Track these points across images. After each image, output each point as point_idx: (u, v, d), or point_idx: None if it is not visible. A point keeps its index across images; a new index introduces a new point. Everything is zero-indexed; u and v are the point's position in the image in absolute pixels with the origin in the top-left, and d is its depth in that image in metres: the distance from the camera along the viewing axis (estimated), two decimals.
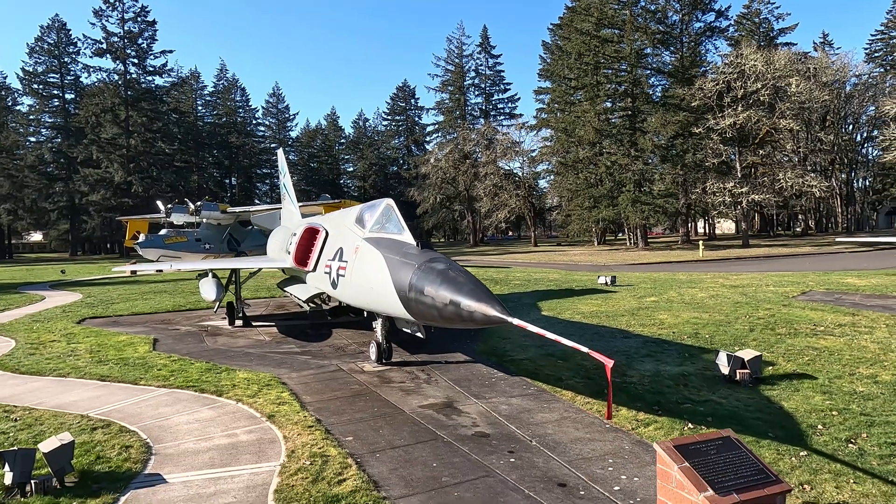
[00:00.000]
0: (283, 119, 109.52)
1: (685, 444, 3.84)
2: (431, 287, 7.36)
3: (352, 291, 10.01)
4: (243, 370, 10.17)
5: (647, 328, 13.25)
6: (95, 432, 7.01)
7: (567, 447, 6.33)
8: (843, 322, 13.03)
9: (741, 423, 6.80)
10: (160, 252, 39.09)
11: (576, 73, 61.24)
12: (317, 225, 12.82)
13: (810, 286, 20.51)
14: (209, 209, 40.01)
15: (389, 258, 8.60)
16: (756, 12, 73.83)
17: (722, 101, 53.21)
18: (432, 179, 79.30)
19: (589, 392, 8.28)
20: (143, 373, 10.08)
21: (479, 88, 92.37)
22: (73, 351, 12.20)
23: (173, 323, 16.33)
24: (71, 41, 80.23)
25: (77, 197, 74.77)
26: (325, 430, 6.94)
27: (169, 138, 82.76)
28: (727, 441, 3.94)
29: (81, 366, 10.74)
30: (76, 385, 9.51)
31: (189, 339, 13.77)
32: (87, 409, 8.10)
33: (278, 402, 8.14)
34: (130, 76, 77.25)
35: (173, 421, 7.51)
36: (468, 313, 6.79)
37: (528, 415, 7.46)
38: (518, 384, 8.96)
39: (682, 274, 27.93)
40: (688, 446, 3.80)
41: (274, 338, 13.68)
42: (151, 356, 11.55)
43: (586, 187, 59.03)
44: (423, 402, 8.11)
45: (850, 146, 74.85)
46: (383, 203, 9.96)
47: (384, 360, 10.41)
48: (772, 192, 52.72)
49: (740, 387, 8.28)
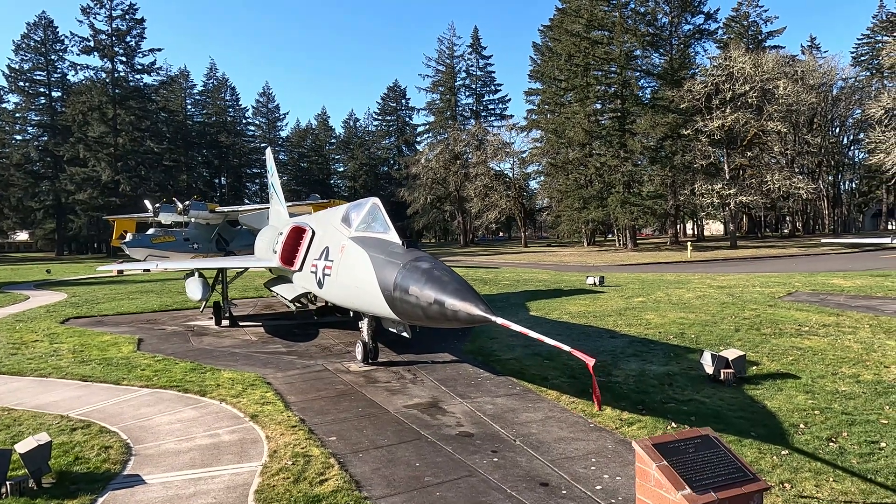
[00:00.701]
0: (274, 118, 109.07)
1: (664, 442, 3.83)
2: (416, 286, 7.33)
3: (338, 291, 9.96)
4: (228, 370, 10.09)
5: (634, 328, 13.30)
6: (75, 433, 6.92)
7: (550, 446, 6.33)
8: (828, 322, 13.14)
9: (724, 422, 6.83)
10: (148, 252, 38.82)
11: (566, 75, 61.48)
12: (303, 224, 12.76)
13: (796, 287, 20.68)
14: (198, 208, 39.77)
15: (375, 257, 8.56)
16: (745, 15, 74.58)
17: (710, 103, 53.60)
18: (423, 180, 79.24)
19: (574, 391, 8.29)
20: (126, 373, 9.97)
21: (469, 89, 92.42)
22: (56, 351, 12.06)
23: (159, 323, 16.19)
24: (58, 38, 79.42)
25: (63, 196, 73.98)
26: (309, 430, 6.89)
27: (157, 137, 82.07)
28: (706, 439, 3.95)
29: (63, 366, 10.61)
30: (57, 385, 9.39)
31: (175, 338, 13.65)
32: (67, 409, 8.00)
33: (262, 401, 8.08)
34: (118, 74, 76.55)
35: (155, 421, 7.43)
36: (452, 312, 6.76)
37: (513, 414, 7.45)
38: (504, 384, 8.95)
39: (669, 274, 28.07)
40: (666, 445, 3.80)
41: (260, 338, 13.60)
42: (135, 356, 11.43)
43: (576, 188, 59.22)
44: (408, 402, 8.08)
45: (836, 149, 75.66)
46: (369, 202, 9.92)
47: (370, 360, 10.37)
48: (759, 193, 53.16)
49: (724, 386, 8.31)
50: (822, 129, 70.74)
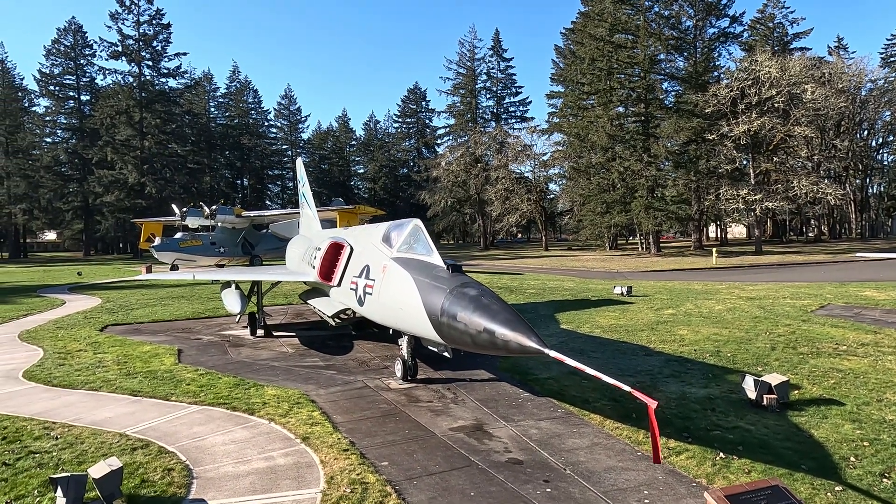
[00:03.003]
0: (295, 121, 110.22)
1: (735, 493, 3.92)
2: (464, 313, 7.45)
3: (379, 310, 10.13)
4: (271, 386, 10.31)
5: (668, 345, 13.29)
6: (136, 453, 7.16)
7: (602, 476, 6.41)
8: (866, 341, 13.01)
9: (772, 453, 6.86)
10: (175, 255, 39.55)
11: (589, 78, 61.21)
12: (341, 240, 12.96)
13: (828, 299, 20.43)
14: (224, 213, 40.41)
15: (419, 280, 8.71)
16: (770, 17, 73.58)
17: (736, 107, 53.03)
18: (443, 182, 79.48)
19: (617, 416, 8.35)
20: (173, 388, 10.24)
21: (490, 92, 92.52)
22: (101, 362, 12.39)
23: (194, 332, 16.53)
24: (87, 43, 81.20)
25: (91, 197, 75.56)
26: (361, 455, 7.05)
27: (182, 140, 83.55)
28: (776, 490, 4.02)
29: (111, 378, 10.92)
30: (109, 400, 9.68)
31: (212, 349, 13.94)
32: (123, 426, 8.26)
33: (310, 421, 8.26)
34: (145, 78, 78.01)
35: (209, 441, 7.65)
36: (503, 342, 6.87)
37: (559, 440, 7.54)
38: (545, 406, 9.04)
39: (696, 283, 27.88)
40: (738, 496, 3.89)
41: (297, 350, 13.83)
42: (178, 369, 11.71)
43: (599, 192, 58.95)
44: (453, 425, 8.21)
45: (864, 152, 74.31)
46: (411, 224, 10.07)
47: (409, 378, 10.52)
48: (786, 199, 52.43)
49: (767, 412, 8.32)
50: (850, 133, 69.51)
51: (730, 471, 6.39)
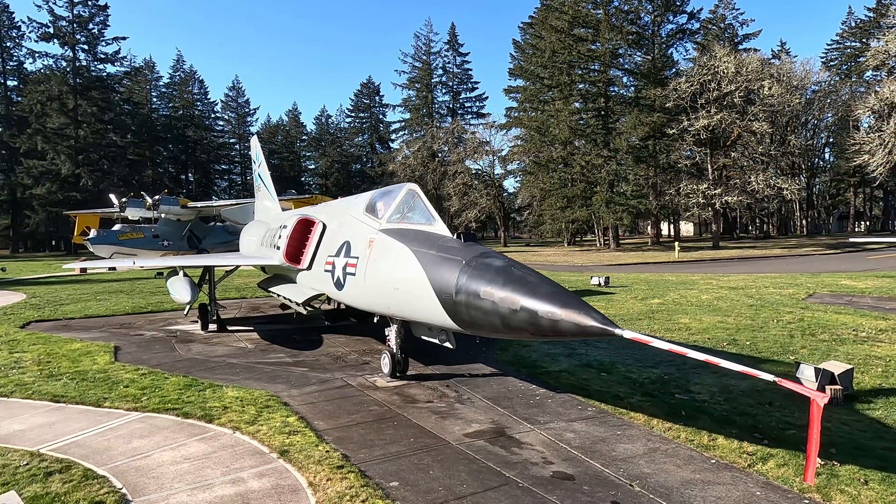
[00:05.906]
0: (243, 113, 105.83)
1: None
2: (491, 288, 5.86)
3: (365, 293, 8.42)
4: (231, 386, 8.47)
5: (675, 333, 12.10)
6: (51, 480, 5.25)
7: (683, 494, 4.94)
8: (883, 327, 12.15)
9: (871, 455, 5.61)
10: (114, 249, 36.34)
11: (549, 72, 60.45)
12: (311, 216, 11.16)
13: (810, 288, 19.91)
14: (168, 203, 37.43)
15: (422, 253, 7.07)
16: (721, 17, 74.86)
17: (696, 102, 53.31)
18: (399, 177, 77.42)
19: (662, 414, 6.94)
20: (107, 391, 8.27)
21: (446, 87, 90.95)
22: (18, 362, 10.22)
23: (135, 327, 14.36)
24: (14, 24, 75.08)
25: (19, 190, 69.88)
26: (360, 473, 5.37)
27: (121, 130, 78.37)
28: None
29: (28, 381, 8.84)
30: (23, 408, 7.65)
31: (157, 346, 11.89)
32: (38, 442, 6.31)
33: (286, 430, 6.51)
34: (79, 63, 72.72)
35: (154, 459, 5.81)
36: (550, 323, 5.29)
37: (606, 446, 6.06)
38: (570, 403, 7.56)
39: (669, 275, 27.17)
40: None
41: (257, 345, 11.94)
42: (114, 368, 9.69)
43: (559, 187, 58.28)
44: (467, 430, 6.61)
45: (809, 152, 76.59)
46: (404, 188, 8.40)
47: (399, 374, 8.87)
48: (744, 193, 53.02)
49: (835, 406, 7.09)
50: (797, 132, 71.43)
51: (841, 481, 5.05)
